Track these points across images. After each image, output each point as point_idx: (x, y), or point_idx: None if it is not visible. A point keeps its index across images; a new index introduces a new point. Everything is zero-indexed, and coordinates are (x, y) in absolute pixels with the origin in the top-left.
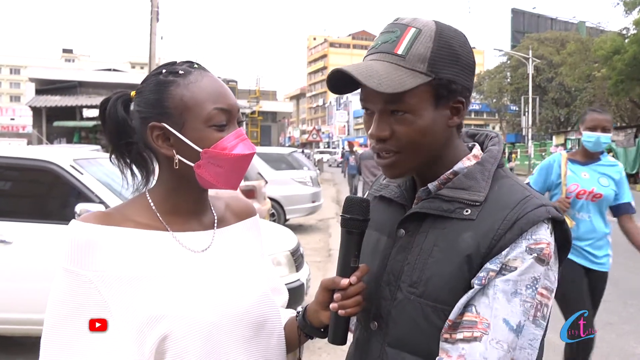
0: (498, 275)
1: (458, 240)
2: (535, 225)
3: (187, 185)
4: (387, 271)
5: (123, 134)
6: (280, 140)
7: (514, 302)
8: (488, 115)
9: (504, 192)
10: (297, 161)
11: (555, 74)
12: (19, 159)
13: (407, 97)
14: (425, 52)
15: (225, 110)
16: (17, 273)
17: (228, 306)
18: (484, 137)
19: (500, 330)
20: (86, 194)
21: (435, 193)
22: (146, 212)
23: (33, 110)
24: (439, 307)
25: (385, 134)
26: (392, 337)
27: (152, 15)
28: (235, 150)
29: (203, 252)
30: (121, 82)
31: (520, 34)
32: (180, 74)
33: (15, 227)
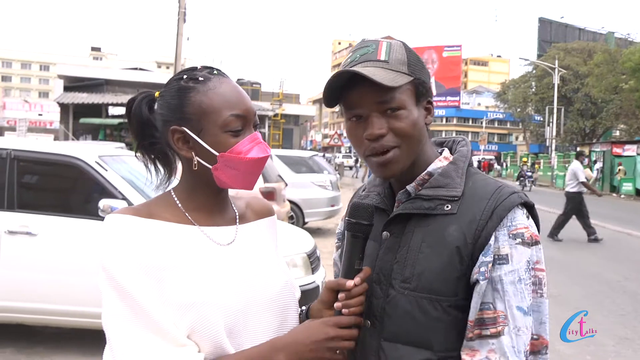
0: (495, 266)
1: (444, 234)
2: (511, 211)
3: (207, 184)
4: (376, 271)
5: (147, 133)
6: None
7: (521, 289)
8: (512, 125)
9: (479, 185)
10: (318, 165)
11: (582, 85)
12: (46, 154)
13: (398, 94)
14: (403, 57)
15: (241, 116)
16: (41, 264)
17: (256, 293)
18: (452, 142)
19: (518, 318)
20: (109, 190)
21: (415, 194)
22: (172, 208)
23: (61, 107)
24: (434, 297)
25: (383, 131)
26: (388, 332)
27: (179, 16)
28: (250, 154)
29: (228, 245)
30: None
31: (547, 43)
32: (200, 81)
33: (40, 220)
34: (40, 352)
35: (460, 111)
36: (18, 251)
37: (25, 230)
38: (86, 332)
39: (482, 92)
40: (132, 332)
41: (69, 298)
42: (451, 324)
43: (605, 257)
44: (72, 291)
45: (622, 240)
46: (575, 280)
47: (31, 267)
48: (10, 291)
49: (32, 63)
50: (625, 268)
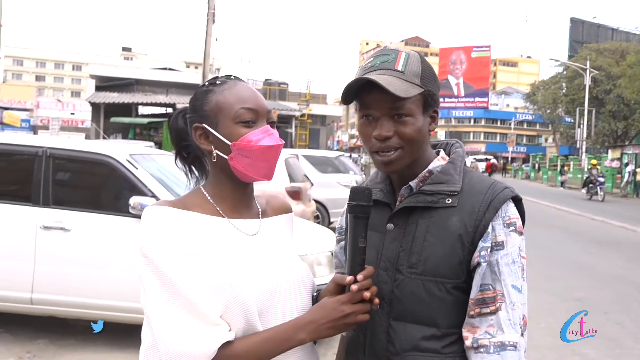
0: (492, 251)
1: (447, 224)
2: (505, 203)
3: (229, 178)
4: (383, 260)
5: (182, 141)
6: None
7: (514, 269)
8: (541, 126)
9: (475, 181)
10: (344, 165)
11: (614, 86)
12: (80, 152)
13: (408, 103)
14: (418, 70)
15: (252, 109)
16: (74, 259)
17: (282, 277)
18: (445, 144)
19: (513, 294)
20: (140, 188)
21: (417, 190)
22: (203, 202)
23: (92, 106)
24: (439, 280)
25: (390, 133)
26: (396, 312)
27: (209, 17)
28: (261, 142)
29: (254, 235)
30: (176, 81)
31: (579, 44)
32: (217, 84)
33: (73, 216)
34: (72, 344)
35: (488, 112)
36: (52, 246)
37: (59, 225)
38: (116, 325)
39: (511, 93)
40: (170, 312)
41: (100, 292)
42: (453, 303)
43: (635, 260)
44: (103, 285)
45: None
46: (602, 284)
47: (65, 261)
48: (44, 284)
49: (65, 63)
50: None
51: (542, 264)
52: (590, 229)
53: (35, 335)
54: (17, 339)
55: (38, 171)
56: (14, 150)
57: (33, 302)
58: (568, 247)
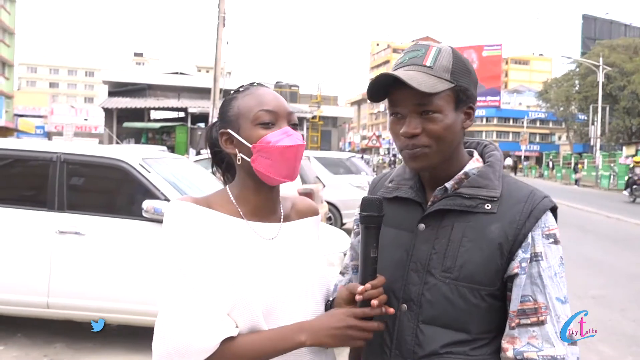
0: (532, 262)
1: (486, 231)
2: (545, 213)
3: (253, 181)
4: (413, 260)
5: (214, 148)
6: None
7: (557, 281)
8: (554, 124)
9: (513, 188)
10: (355, 166)
11: (628, 82)
12: (92, 157)
13: (436, 99)
14: (448, 64)
15: (271, 111)
16: (89, 263)
17: (293, 281)
18: (476, 144)
19: (558, 307)
20: (153, 192)
21: (453, 192)
22: (226, 202)
23: (105, 112)
24: (475, 287)
25: (417, 131)
26: (426, 315)
27: (219, 21)
28: (279, 143)
29: (271, 240)
30: (187, 85)
31: (591, 40)
32: (241, 91)
33: (88, 220)
34: (89, 347)
35: (500, 111)
36: (68, 250)
37: (74, 230)
38: (132, 329)
39: (523, 92)
40: (178, 303)
41: (115, 295)
42: (486, 310)
43: None
44: (118, 288)
45: None
46: (618, 281)
47: (80, 265)
48: (60, 288)
49: (78, 70)
50: None
51: None
52: (605, 227)
53: (52, 339)
54: (34, 343)
55: (53, 176)
56: (29, 156)
57: (49, 306)
58: (583, 244)
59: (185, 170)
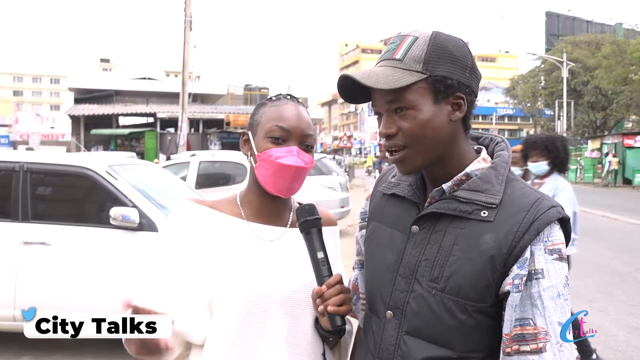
0: (531, 280)
1: (479, 241)
2: (549, 225)
3: (258, 185)
4: (403, 265)
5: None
6: None
7: (560, 304)
8: (522, 120)
9: (517, 195)
10: (326, 167)
11: (591, 78)
12: (57, 165)
13: (407, 93)
14: (420, 54)
15: (284, 128)
16: (56, 273)
17: (278, 284)
18: (489, 140)
19: (559, 333)
20: (120, 199)
21: (450, 194)
22: (232, 203)
23: (72, 119)
24: (461, 301)
25: (392, 130)
26: (410, 326)
27: (186, 24)
28: (280, 160)
29: (271, 242)
30: (156, 91)
31: (555, 37)
32: (272, 100)
33: (54, 230)
34: (58, 359)
35: None
36: (34, 261)
37: (40, 240)
38: (102, 339)
39: (491, 88)
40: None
41: (84, 305)
42: (475, 327)
43: (617, 248)
44: (86, 298)
45: (633, 232)
46: (586, 273)
47: (47, 276)
48: (26, 300)
49: (42, 77)
50: (637, 259)
51: None
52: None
53: (20, 352)
54: (2, 356)
55: (16, 186)
56: None
57: (16, 318)
58: None
59: (153, 177)
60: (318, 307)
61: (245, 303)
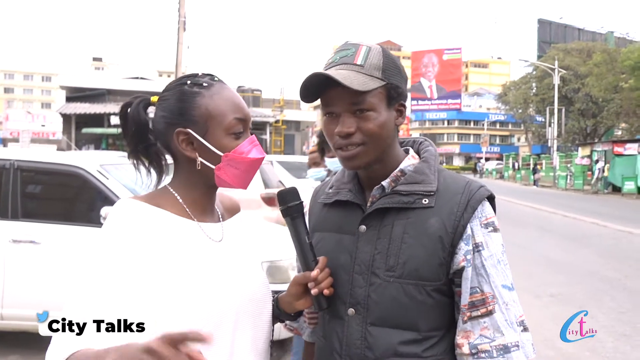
0: (475, 253)
1: (426, 225)
2: (481, 203)
3: (204, 183)
4: (357, 263)
5: (143, 136)
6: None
7: (502, 269)
8: (513, 126)
9: (450, 181)
10: None
11: (582, 85)
12: (48, 164)
13: (369, 97)
14: (379, 62)
15: (242, 119)
16: (45, 272)
17: (244, 289)
18: (412, 142)
19: (505, 294)
20: (111, 198)
21: (391, 190)
22: (174, 202)
23: (63, 117)
24: (420, 283)
25: (352, 129)
26: (374, 317)
27: (179, 25)
28: (251, 154)
29: (220, 242)
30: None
31: (547, 44)
32: (204, 86)
33: (44, 229)
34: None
35: (461, 113)
36: (22, 260)
37: (29, 239)
38: None
39: (483, 94)
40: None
41: None
42: (434, 306)
43: (606, 255)
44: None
45: (622, 239)
46: (576, 279)
47: (35, 275)
48: (14, 299)
49: (34, 74)
50: (626, 266)
51: (517, 261)
52: (563, 226)
53: (6, 351)
54: None
55: (6, 184)
56: None
57: (3, 317)
58: (542, 243)
59: (144, 176)
60: (311, 290)
61: (217, 312)
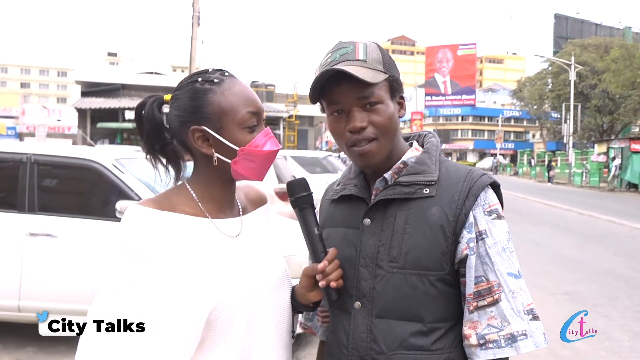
0: (479, 241)
1: (427, 215)
2: (484, 190)
3: (222, 178)
4: (362, 256)
5: (159, 135)
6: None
7: (507, 256)
8: (528, 123)
9: (451, 170)
10: (332, 165)
11: (599, 81)
12: (65, 158)
13: (377, 90)
14: (378, 56)
15: (255, 112)
16: (62, 265)
17: (262, 282)
18: (417, 135)
19: (511, 282)
20: (126, 192)
21: (392, 182)
22: (189, 201)
23: (78, 112)
24: (422, 273)
25: (364, 124)
26: (379, 309)
27: (193, 20)
28: (266, 147)
29: (236, 237)
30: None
31: (563, 39)
32: (215, 82)
33: (60, 222)
34: (62, 351)
35: (475, 109)
36: (39, 252)
37: (46, 232)
38: None
39: (497, 90)
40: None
41: (87, 298)
42: (438, 297)
43: (622, 253)
44: (90, 291)
45: (639, 237)
46: (591, 278)
47: (52, 268)
48: (31, 292)
49: (50, 70)
50: None
51: (532, 258)
52: (578, 223)
53: (23, 343)
54: (5, 347)
55: (23, 178)
56: None
57: (20, 309)
58: (557, 241)
59: (163, 174)
60: (319, 282)
61: (248, 305)
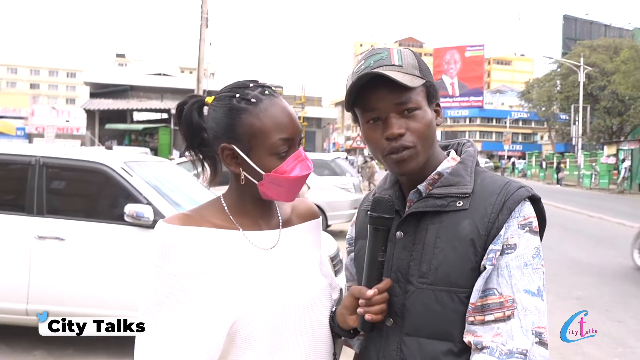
0: (502, 254)
1: (458, 228)
2: (520, 203)
3: (252, 195)
4: (393, 270)
5: (196, 137)
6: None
7: (529, 273)
8: (536, 124)
9: (487, 182)
10: (340, 167)
11: (608, 82)
12: (73, 160)
13: (414, 95)
14: (414, 62)
15: (289, 139)
16: (70, 268)
17: (293, 297)
18: (456, 144)
19: (526, 300)
20: (135, 195)
21: (426, 193)
22: (220, 214)
23: (87, 113)
24: (452, 289)
25: (402, 130)
26: (409, 327)
27: (202, 22)
28: (293, 172)
29: (271, 249)
30: (170, 87)
31: (572, 41)
32: (252, 102)
33: (68, 225)
34: (70, 354)
35: (483, 111)
36: (47, 255)
37: (54, 235)
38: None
39: (505, 92)
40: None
41: (96, 301)
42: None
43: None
44: (99, 294)
45: None
46: (602, 281)
47: (60, 271)
48: (39, 295)
49: (59, 70)
50: None
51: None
52: (587, 226)
53: (32, 346)
54: (13, 351)
55: (32, 180)
56: (7, 159)
57: (29, 313)
58: (567, 244)
59: (168, 173)
60: (359, 307)
61: (272, 320)
